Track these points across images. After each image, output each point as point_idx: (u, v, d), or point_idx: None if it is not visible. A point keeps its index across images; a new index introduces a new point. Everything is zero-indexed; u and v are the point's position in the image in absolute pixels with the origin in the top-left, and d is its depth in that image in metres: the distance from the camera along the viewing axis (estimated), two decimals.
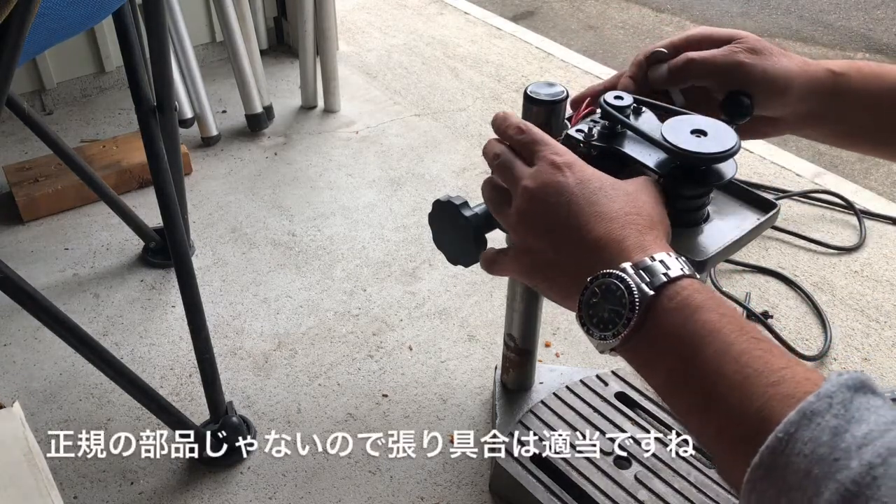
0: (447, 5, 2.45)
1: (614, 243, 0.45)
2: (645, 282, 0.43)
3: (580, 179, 0.48)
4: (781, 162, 1.68)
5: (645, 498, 0.91)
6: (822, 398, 0.34)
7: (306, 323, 1.25)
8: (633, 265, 0.43)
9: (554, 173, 0.48)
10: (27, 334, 1.21)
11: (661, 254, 0.44)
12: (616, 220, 0.46)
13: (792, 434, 0.34)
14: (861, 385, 0.35)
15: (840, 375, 0.36)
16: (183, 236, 1.00)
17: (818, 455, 0.33)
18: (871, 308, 1.29)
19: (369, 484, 1.01)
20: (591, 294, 0.45)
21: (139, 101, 1.00)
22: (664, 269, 0.43)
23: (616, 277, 0.43)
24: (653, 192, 0.50)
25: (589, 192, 0.47)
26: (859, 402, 0.34)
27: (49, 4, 0.73)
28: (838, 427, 0.33)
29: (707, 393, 0.39)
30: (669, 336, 0.42)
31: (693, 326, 0.41)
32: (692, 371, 0.40)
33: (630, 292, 0.42)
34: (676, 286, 0.43)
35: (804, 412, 0.34)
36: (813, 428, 0.34)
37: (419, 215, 1.50)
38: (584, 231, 0.46)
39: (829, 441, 0.33)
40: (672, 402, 0.43)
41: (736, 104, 0.57)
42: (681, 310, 0.42)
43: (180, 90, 1.65)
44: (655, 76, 0.60)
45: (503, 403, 1.04)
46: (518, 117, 0.54)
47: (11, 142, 1.68)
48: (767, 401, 0.37)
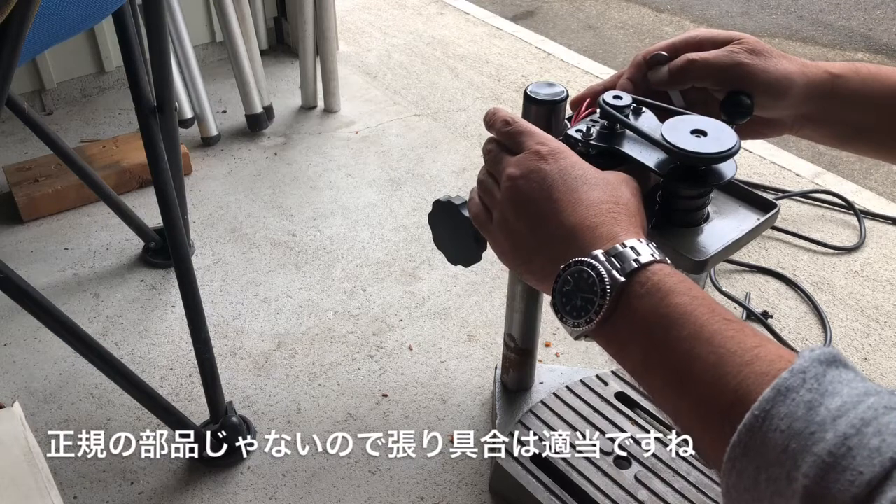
0: (447, 5, 2.45)
1: (588, 230, 0.46)
2: (616, 268, 0.43)
3: (562, 167, 0.49)
4: (781, 162, 1.68)
5: (645, 498, 0.91)
6: (796, 374, 0.35)
7: (306, 323, 1.25)
8: (604, 252, 0.44)
9: (536, 161, 0.49)
10: (27, 334, 1.21)
11: (632, 240, 0.44)
12: (592, 208, 0.47)
13: (768, 411, 0.34)
14: (833, 359, 0.36)
15: (812, 351, 0.36)
16: (183, 236, 1.00)
17: (794, 430, 0.33)
18: (871, 308, 1.29)
19: (369, 484, 1.01)
20: (563, 282, 0.45)
21: (139, 101, 1.00)
22: (635, 256, 0.43)
23: (587, 265, 0.44)
24: (632, 185, 0.51)
25: (570, 178, 0.48)
26: (832, 375, 0.35)
27: (49, 4, 0.73)
28: (812, 401, 0.34)
29: (681, 375, 0.40)
30: (642, 321, 0.42)
31: (665, 310, 0.41)
32: (666, 354, 0.41)
33: (601, 279, 0.43)
34: (647, 271, 0.43)
35: (779, 388, 0.35)
36: (788, 403, 0.34)
37: (419, 215, 1.50)
38: (560, 217, 0.47)
39: (804, 415, 0.33)
40: (648, 386, 0.43)
41: (736, 104, 0.57)
42: (652, 294, 0.42)
43: (180, 90, 1.65)
44: (656, 78, 0.60)
45: (503, 403, 1.04)
46: (507, 111, 0.54)
47: (11, 142, 1.68)
48: (742, 380, 0.37)
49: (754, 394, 0.36)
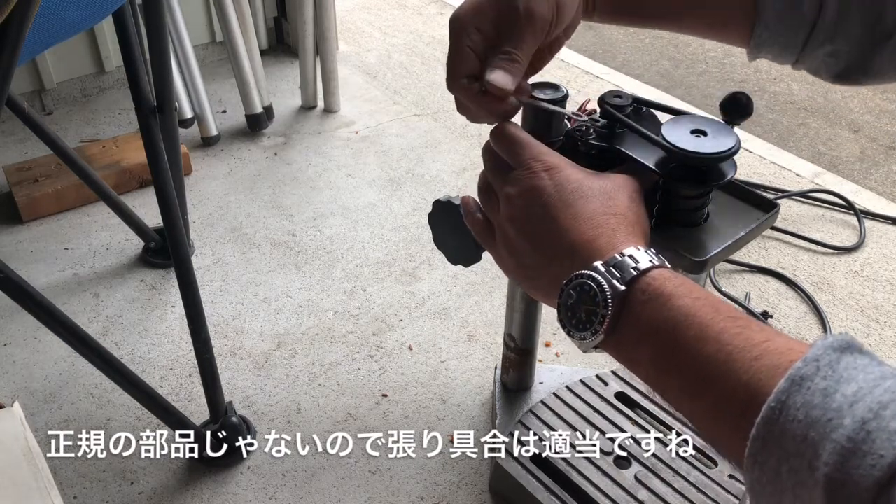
0: (447, 5, 2.45)
1: (587, 244, 0.46)
2: (616, 278, 0.43)
3: (557, 182, 0.48)
4: (781, 162, 1.68)
5: (645, 498, 0.91)
6: (810, 362, 0.35)
7: (306, 323, 1.25)
8: (603, 263, 0.44)
9: (532, 178, 0.49)
10: (27, 334, 1.21)
11: (630, 248, 0.44)
12: (590, 221, 0.47)
13: (784, 402, 0.34)
14: (847, 345, 0.36)
15: (825, 339, 0.36)
16: (183, 236, 1.00)
17: (812, 418, 0.33)
18: (871, 308, 1.29)
19: (369, 484, 1.01)
20: (567, 296, 0.45)
21: (139, 101, 1.00)
22: (633, 264, 0.43)
23: (588, 277, 0.44)
24: (630, 190, 0.50)
25: (565, 193, 0.48)
26: (846, 361, 0.35)
27: (49, 4, 0.73)
28: (828, 388, 0.34)
29: (693, 377, 0.40)
30: (647, 327, 0.42)
31: (668, 314, 0.41)
32: (674, 358, 0.41)
33: (602, 290, 0.43)
34: (647, 278, 0.43)
35: (793, 379, 0.35)
36: (804, 393, 0.34)
37: (419, 215, 1.50)
38: (560, 234, 0.47)
39: (820, 403, 0.33)
40: (662, 391, 0.43)
41: (736, 104, 0.57)
42: (654, 300, 0.42)
43: (180, 90, 1.65)
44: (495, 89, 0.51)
45: (503, 403, 1.04)
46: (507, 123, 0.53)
47: (11, 142, 1.68)
48: (754, 374, 0.37)
49: (768, 387, 0.35)
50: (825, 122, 2.08)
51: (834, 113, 2.12)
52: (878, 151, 1.95)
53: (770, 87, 2.25)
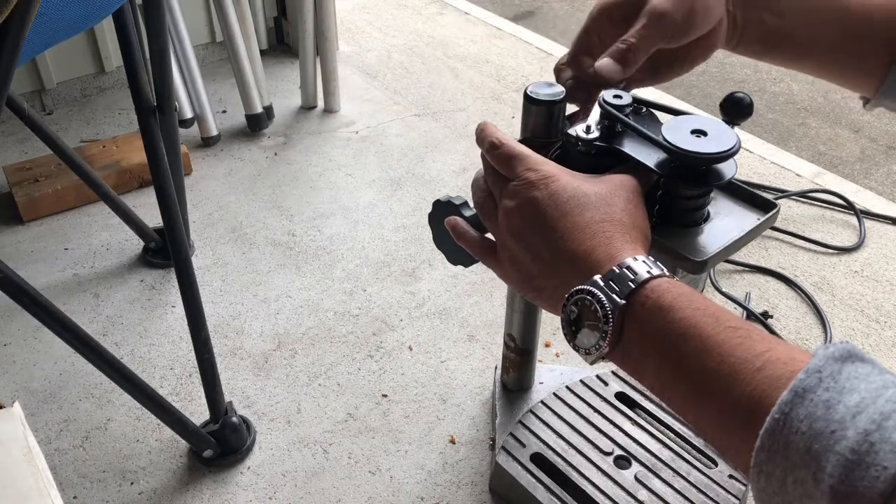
0: (447, 5, 2.45)
1: (585, 255, 0.46)
2: (615, 292, 0.43)
3: (552, 192, 0.48)
4: (781, 162, 1.68)
5: (645, 498, 0.91)
6: (812, 374, 0.35)
7: (306, 323, 1.25)
8: (602, 277, 0.44)
9: (528, 190, 0.49)
10: (27, 334, 1.21)
11: (628, 259, 0.44)
12: (586, 231, 0.47)
13: (787, 413, 0.34)
14: (848, 355, 0.35)
15: (826, 348, 0.36)
16: (183, 236, 1.00)
17: (815, 430, 0.33)
18: (871, 308, 1.29)
19: (369, 484, 1.01)
20: (569, 311, 0.46)
21: (139, 101, 1.00)
22: (631, 276, 0.43)
23: (587, 293, 0.44)
24: (627, 192, 0.50)
25: (561, 203, 0.48)
26: (848, 371, 0.35)
27: (49, 4, 0.73)
28: (830, 399, 0.34)
29: (696, 389, 0.40)
30: (649, 340, 0.42)
31: (669, 327, 0.41)
32: (677, 370, 0.41)
33: (602, 306, 0.43)
34: (646, 290, 0.43)
35: (796, 390, 0.35)
36: (807, 405, 0.34)
37: (419, 215, 1.50)
38: (557, 246, 0.47)
39: (823, 415, 0.33)
40: (667, 401, 0.43)
41: (736, 104, 0.57)
42: (654, 313, 0.42)
43: (180, 90, 1.65)
44: (606, 72, 0.56)
45: (503, 403, 1.04)
46: (495, 130, 0.53)
47: (11, 142, 1.68)
48: (756, 385, 0.37)
49: (771, 398, 0.35)
50: (825, 122, 2.08)
51: (834, 113, 2.12)
52: (878, 151, 1.95)
53: (770, 87, 2.25)
